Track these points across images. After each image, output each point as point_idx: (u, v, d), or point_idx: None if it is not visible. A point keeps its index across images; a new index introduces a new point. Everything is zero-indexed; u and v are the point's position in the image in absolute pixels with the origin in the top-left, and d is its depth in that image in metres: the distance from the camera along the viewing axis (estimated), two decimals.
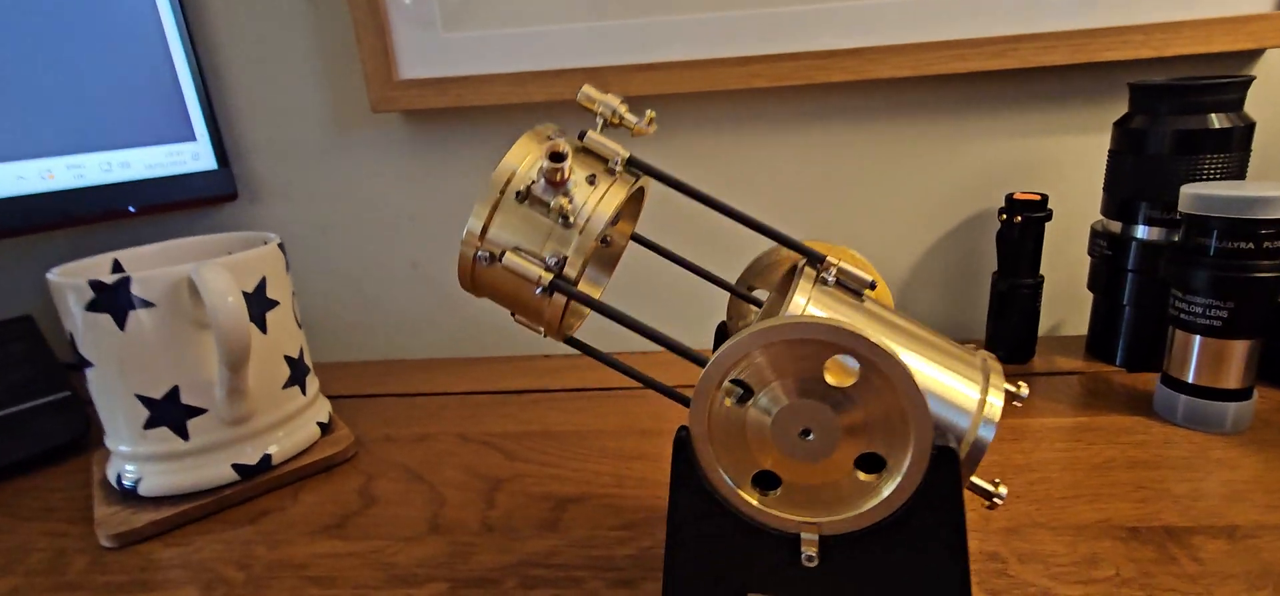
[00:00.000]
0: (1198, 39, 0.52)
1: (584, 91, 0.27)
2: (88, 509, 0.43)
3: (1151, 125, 0.48)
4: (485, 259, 0.24)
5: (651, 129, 0.27)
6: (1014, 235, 0.52)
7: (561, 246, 0.24)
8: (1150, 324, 0.51)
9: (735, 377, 0.22)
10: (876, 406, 0.21)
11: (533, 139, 0.25)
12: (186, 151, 0.62)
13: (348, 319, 0.71)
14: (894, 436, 0.22)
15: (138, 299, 0.38)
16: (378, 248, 0.68)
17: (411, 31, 0.58)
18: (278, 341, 0.45)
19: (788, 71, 0.56)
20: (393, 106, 0.59)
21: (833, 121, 0.59)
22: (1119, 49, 0.53)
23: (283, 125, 0.65)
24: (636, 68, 0.57)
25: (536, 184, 0.23)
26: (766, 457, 0.23)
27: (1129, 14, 0.53)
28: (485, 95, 0.58)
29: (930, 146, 0.59)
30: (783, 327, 0.21)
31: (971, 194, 0.60)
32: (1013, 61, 0.54)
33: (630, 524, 0.38)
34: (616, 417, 0.51)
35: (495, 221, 0.24)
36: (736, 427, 0.23)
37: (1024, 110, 0.58)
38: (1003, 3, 0.54)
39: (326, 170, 0.66)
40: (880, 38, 0.55)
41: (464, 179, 0.65)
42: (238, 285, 0.38)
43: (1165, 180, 0.47)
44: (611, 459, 0.45)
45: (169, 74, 0.60)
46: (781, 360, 0.21)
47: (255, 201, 0.67)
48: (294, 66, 0.62)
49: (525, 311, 0.25)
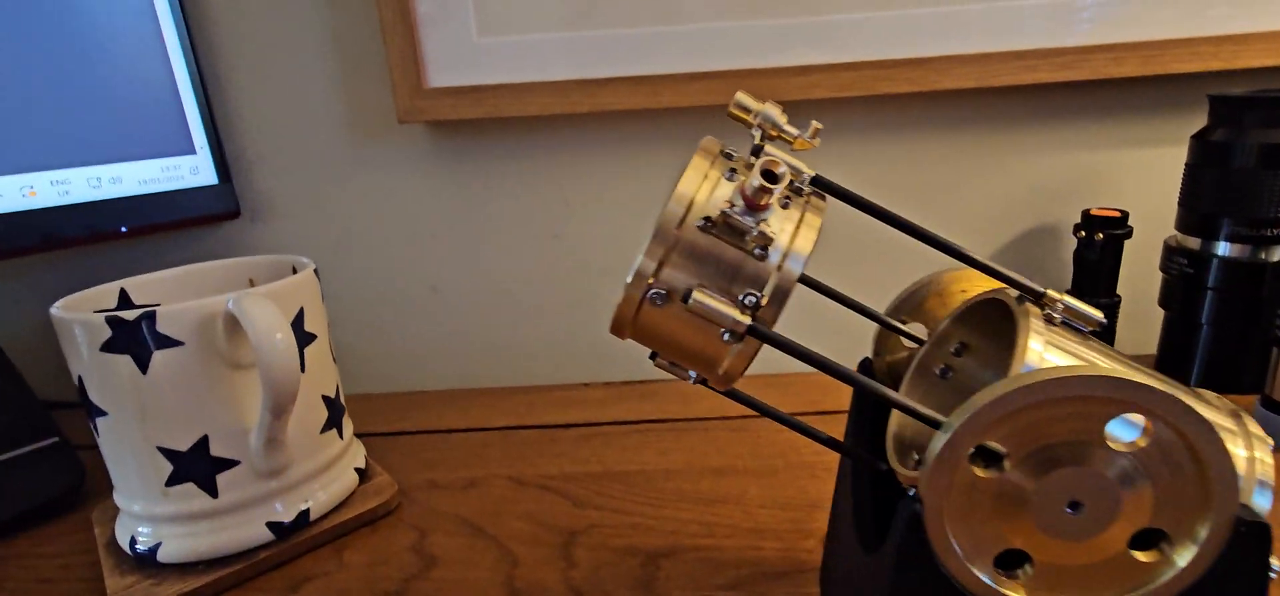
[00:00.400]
0: (1268, 51, 0.51)
1: (738, 100, 0.23)
2: (94, 578, 0.37)
3: (1235, 138, 0.46)
4: (659, 298, 0.20)
5: (816, 142, 0.23)
6: (1095, 254, 0.50)
7: (755, 284, 0.20)
8: (1231, 343, 0.49)
9: None
10: (1163, 472, 0.18)
11: (706, 157, 0.21)
12: (184, 165, 0.56)
13: (359, 348, 0.65)
14: (1181, 508, 0.18)
15: (164, 337, 0.33)
16: (395, 270, 0.63)
17: (443, 35, 0.54)
18: (316, 380, 0.39)
19: (847, 81, 0.53)
20: (421, 116, 0.55)
21: (894, 134, 0.57)
22: (1189, 61, 0.52)
23: (292, 136, 0.59)
24: (690, 76, 0.53)
25: (734, 208, 0.19)
26: (1017, 535, 0.19)
27: (1199, 25, 0.52)
28: (526, 105, 0.54)
29: (994, 160, 0.57)
30: (1069, 382, 0.17)
31: (1036, 210, 0.58)
32: (1083, 73, 0.52)
33: (737, 584, 0.34)
34: (680, 453, 0.47)
35: (674, 254, 0.20)
36: (982, 499, 0.19)
37: (1091, 123, 0.56)
38: (1070, 14, 0.52)
39: (339, 186, 0.60)
40: (945, 47, 0.53)
41: (493, 196, 0.60)
42: (285, 319, 0.33)
43: (1251, 195, 0.46)
44: (691, 504, 0.41)
45: (166, 80, 0.54)
46: (1051, 420, 0.18)
47: (258, 220, 0.61)
48: (306, 72, 0.57)
49: (695, 358, 0.21)
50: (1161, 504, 0.18)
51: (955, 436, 0.18)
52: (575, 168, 0.59)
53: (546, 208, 0.60)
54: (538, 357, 0.64)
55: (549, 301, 0.63)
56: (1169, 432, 0.18)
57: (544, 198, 0.60)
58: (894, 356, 0.29)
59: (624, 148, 0.58)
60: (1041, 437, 0.18)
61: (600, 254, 0.61)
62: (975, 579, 0.19)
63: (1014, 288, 0.22)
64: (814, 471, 0.44)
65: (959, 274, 0.29)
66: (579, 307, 0.63)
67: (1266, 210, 0.45)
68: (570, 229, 0.61)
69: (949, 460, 0.18)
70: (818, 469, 0.44)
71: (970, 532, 0.19)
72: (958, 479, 0.19)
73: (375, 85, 0.57)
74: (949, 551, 0.19)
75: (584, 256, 0.61)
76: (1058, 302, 0.21)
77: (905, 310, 0.28)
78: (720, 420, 0.51)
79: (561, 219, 0.60)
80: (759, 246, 0.19)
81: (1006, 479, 0.18)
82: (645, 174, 0.58)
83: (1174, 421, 0.17)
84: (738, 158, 0.22)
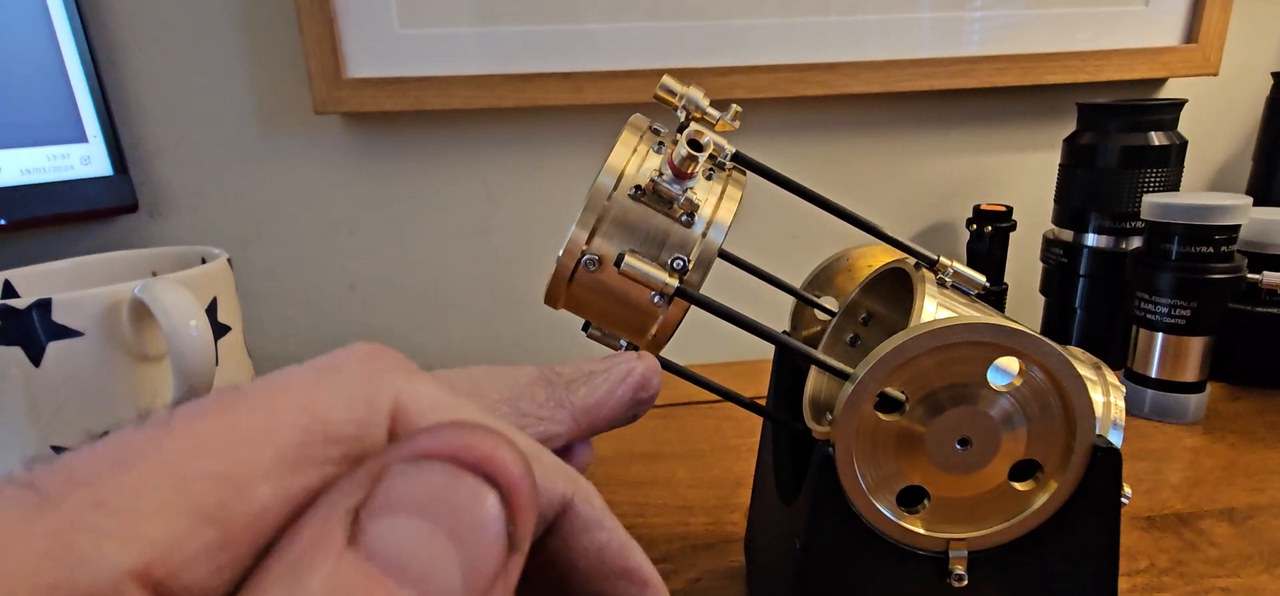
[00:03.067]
0: (1126, 66, 0.58)
1: (664, 83, 0.24)
2: None
3: (1100, 142, 0.52)
4: (593, 264, 0.21)
5: (736, 124, 0.25)
6: (984, 245, 0.54)
7: (682, 249, 0.21)
8: (1100, 324, 0.55)
9: None
10: (1035, 410, 0.20)
11: (635, 132, 0.22)
12: (74, 154, 0.52)
13: (272, 350, 0.62)
14: (1050, 441, 0.21)
15: (60, 327, 0.31)
16: (310, 268, 0.61)
17: (362, 24, 0.53)
18: (231, 375, 0.38)
19: (765, 83, 0.56)
20: (340, 107, 0.53)
21: (807, 134, 0.60)
22: (1061, 73, 0.58)
23: (196, 125, 0.56)
24: (614, 74, 0.54)
25: (662, 177, 0.20)
26: (915, 472, 0.21)
27: (1069, 42, 0.58)
28: (450, 98, 0.53)
29: (896, 160, 0.61)
30: (956, 329, 0.19)
31: (933, 205, 0.62)
32: (972, 81, 0.57)
33: (667, 556, 0.36)
34: (610, 442, 0.48)
35: (606, 221, 0.21)
36: (885, 441, 0.21)
37: (980, 127, 0.61)
38: (959, 28, 0.57)
39: (249, 179, 0.58)
40: (851, 54, 0.56)
41: (413, 191, 0.59)
42: (200, 306, 0.32)
43: (1114, 192, 0.52)
44: (622, 487, 0.42)
45: (52, 59, 0.51)
46: (942, 366, 0.20)
47: (158, 215, 0.58)
48: (213, 56, 0.54)
49: (626, 322, 0.22)
50: (1035, 438, 0.21)
51: (861, 383, 0.20)
52: (499, 163, 0.59)
53: (470, 203, 0.60)
54: (462, 356, 0.64)
55: (473, 299, 0.62)
56: (1040, 375, 0.20)
57: (467, 193, 0.59)
58: (809, 330, 0.31)
59: (548, 144, 0.59)
60: (934, 382, 0.20)
61: (525, 250, 0.61)
62: (881, 515, 0.21)
63: (912, 257, 0.25)
64: (739, 453, 0.46)
65: (866, 250, 0.31)
66: (504, 305, 0.63)
67: (1126, 205, 0.51)
68: (494, 225, 0.61)
69: (856, 405, 0.20)
70: (742, 450, 0.46)
71: (875, 472, 0.21)
72: (863, 423, 0.21)
73: (289, 73, 0.55)
74: (857, 490, 0.21)
75: (508, 253, 0.61)
76: (948, 268, 0.24)
77: (818, 285, 0.31)
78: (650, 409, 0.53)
79: (485, 215, 0.60)
80: (686, 213, 0.21)
81: (905, 422, 0.21)
82: (569, 171, 0.59)
83: (1043, 361, 0.20)
84: (665, 133, 0.23)
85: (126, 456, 0.09)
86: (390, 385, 0.11)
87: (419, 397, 0.12)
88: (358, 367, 0.11)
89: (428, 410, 0.12)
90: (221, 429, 0.09)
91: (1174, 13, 0.58)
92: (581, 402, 0.18)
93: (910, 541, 0.21)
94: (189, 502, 0.08)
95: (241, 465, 0.09)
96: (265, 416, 0.10)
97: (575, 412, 0.18)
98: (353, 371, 0.11)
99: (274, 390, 0.10)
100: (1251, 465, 0.41)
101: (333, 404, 0.10)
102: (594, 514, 0.14)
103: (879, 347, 0.20)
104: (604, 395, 0.18)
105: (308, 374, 0.11)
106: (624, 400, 0.18)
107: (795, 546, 0.22)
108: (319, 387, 0.10)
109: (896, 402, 0.21)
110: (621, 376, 0.18)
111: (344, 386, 0.11)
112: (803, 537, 0.22)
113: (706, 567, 0.35)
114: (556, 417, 0.17)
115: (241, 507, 0.09)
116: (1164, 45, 0.58)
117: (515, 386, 0.18)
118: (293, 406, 0.10)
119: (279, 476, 0.09)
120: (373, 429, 0.11)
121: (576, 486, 0.14)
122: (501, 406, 0.17)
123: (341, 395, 0.11)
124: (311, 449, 0.10)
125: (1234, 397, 0.50)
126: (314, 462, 0.10)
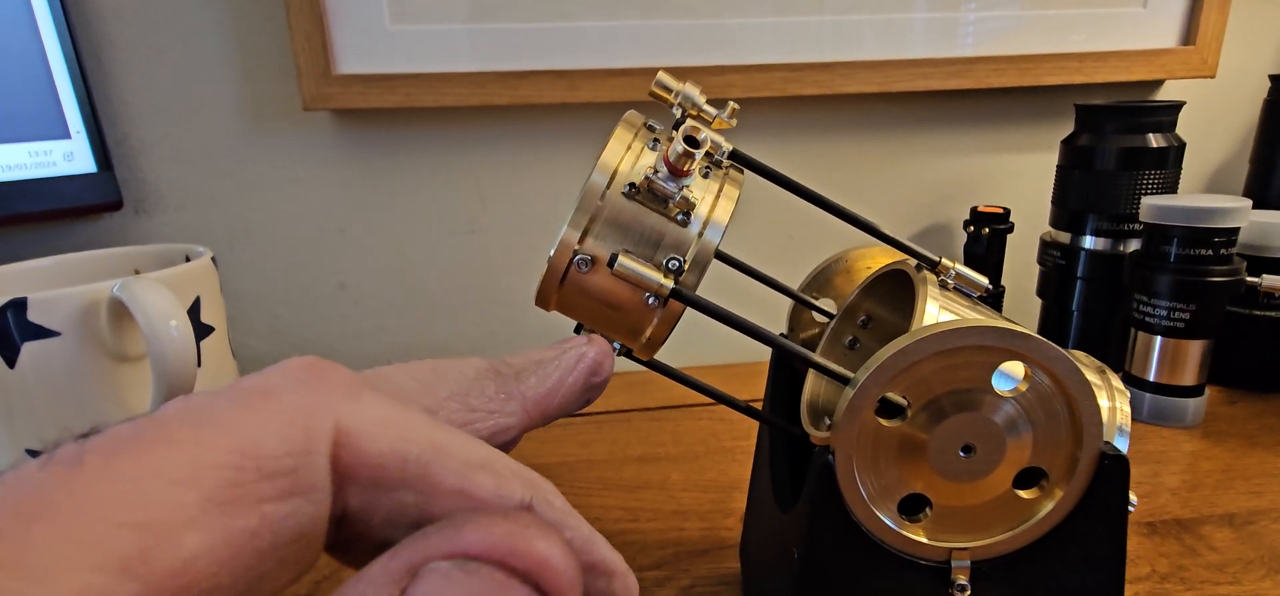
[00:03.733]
0: (1123, 68, 0.57)
1: (660, 79, 0.24)
2: None
3: (1098, 143, 0.51)
4: (585, 264, 0.20)
5: (733, 122, 0.24)
6: (981, 247, 0.54)
7: (677, 250, 0.20)
8: (1097, 327, 0.55)
9: None
10: (1040, 416, 0.20)
11: (629, 129, 0.21)
12: (57, 150, 0.51)
13: (259, 349, 0.61)
14: (1056, 448, 0.20)
15: (36, 327, 0.30)
16: (298, 267, 0.60)
17: (353, 20, 0.52)
18: (214, 376, 0.37)
19: (760, 83, 0.56)
20: (329, 104, 0.52)
21: (802, 135, 0.59)
22: (1058, 74, 0.57)
23: (182, 121, 0.55)
24: (608, 72, 0.54)
25: (657, 175, 0.20)
26: (917, 479, 0.20)
27: (1066, 44, 0.57)
28: (442, 96, 0.53)
29: (893, 162, 0.61)
30: (960, 333, 0.19)
31: (930, 207, 0.62)
32: (969, 81, 0.57)
33: (661, 562, 0.35)
34: (603, 445, 0.47)
35: (599, 221, 0.20)
36: (886, 448, 0.20)
37: (977, 129, 0.61)
38: (955, 28, 0.56)
39: (236, 176, 0.57)
40: (847, 53, 0.56)
41: (404, 189, 0.58)
42: (181, 306, 0.31)
43: (1111, 194, 0.51)
44: (615, 491, 0.41)
45: (35, 54, 0.49)
46: (945, 370, 0.19)
47: (143, 212, 0.57)
48: (200, 52, 0.53)
49: (619, 325, 0.22)
50: (1040, 445, 0.20)
51: (862, 388, 0.19)
52: (491, 162, 0.58)
53: (461, 202, 0.59)
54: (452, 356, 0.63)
55: (463, 298, 0.62)
56: (1045, 379, 0.20)
57: (458, 192, 0.59)
58: (807, 333, 0.31)
59: (541, 142, 0.58)
60: (937, 388, 0.19)
61: (517, 251, 0.61)
62: (881, 524, 0.21)
63: (913, 258, 0.24)
64: (733, 455, 0.45)
65: (865, 251, 0.30)
66: (495, 304, 0.62)
67: (1124, 207, 0.51)
68: (486, 224, 0.60)
69: (857, 411, 0.20)
70: (737, 453, 0.45)
71: (876, 480, 0.21)
72: (864, 430, 0.20)
73: (277, 69, 0.54)
74: (857, 498, 0.20)
75: (500, 253, 0.61)
76: (950, 270, 0.23)
77: (816, 287, 0.30)
78: (642, 412, 0.52)
79: (477, 214, 0.59)
80: (681, 212, 0.20)
81: (907, 428, 0.20)
82: (562, 170, 0.58)
83: (1049, 366, 0.19)
84: (660, 130, 0.22)
85: (35, 506, 0.08)
86: (329, 408, 0.11)
87: (364, 418, 0.11)
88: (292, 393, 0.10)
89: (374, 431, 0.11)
90: (140, 468, 0.08)
91: (1172, 15, 0.58)
92: (532, 393, 0.17)
93: (912, 551, 0.21)
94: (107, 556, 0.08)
95: (164, 509, 0.08)
96: (190, 452, 0.09)
97: (526, 404, 0.17)
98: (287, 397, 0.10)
99: (199, 421, 0.09)
100: (1250, 469, 0.41)
101: (265, 435, 0.09)
102: (556, 515, 0.14)
103: (881, 351, 0.19)
104: (555, 384, 0.17)
105: (236, 401, 0.10)
106: (575, 387, 0.17)
107: (793, 555, 0.22)
108: (249, 417, 0.10)
109: (898, 408, 0.20)
110: (572, 363, 0.17)
111: (278, 414, 0.10)
112: (801, 546, 0.21)
113: (700, 574, 0.34)
114: (507, 410, 0.17)
115: (166, 557, 0.08)
116: (1161, 47, 0.58)
117: (463, 380, 0.17)
118: (220, 440, 0.09)
119: (208, 521, 0.08)
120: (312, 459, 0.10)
121: (535, 490, 0.14)
122: (451, 402, 0.16)
123: (275, 424, 0.10)
124: (243, 488, 0.09)
125: (1232, 401, 0.49)
126: (247, 502, 0.09)
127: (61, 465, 0.08)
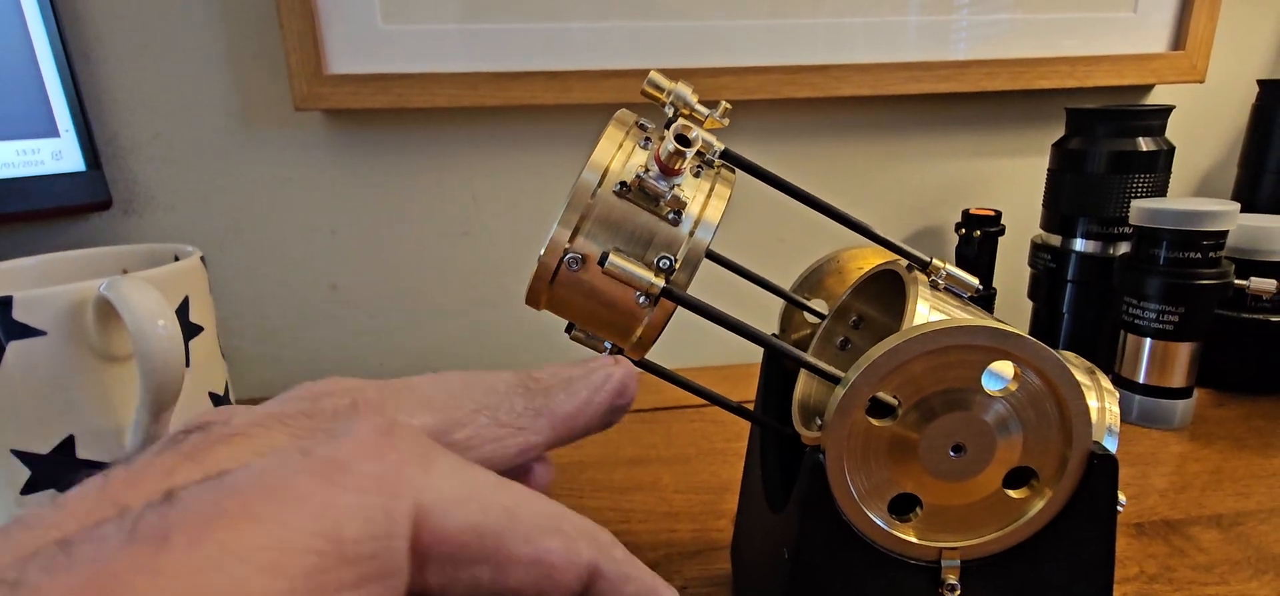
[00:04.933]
0: (1114, 72, 0.58)
1: (651, 78, 0.24)
2: None
3: (1089, 146, 0.52)
4: (576, 263, 0.20)
5: (726, 121, 0.24)
6: (973, 250, 0.54)
7: (668, 249, 0.20)
8: (1088, 329, 0.55)
9: None
10: (1031, 415, 0.20)
11: (620, 127, 0.21)
12: (46, 149, 0.51)
13: (250, 350, 0.61)
14: (1046, 448, 0.20)
15: (21, 326, 0.30)
16: (290, 268, 0.59)
17: (345, 20, 0.52)
18: (202, 376, 0.37)
19: (755, 85, 0.56)
20: (321, 103, 0.52)
21: (795, 137, 0.60)
22: (1049, 78, 0.58)
23: (173, 121, 0.55)
24: (601, 73, 0.54)
25: (649, 173, 0.20)
26: (908, 479, 0.20)
27: (1058, 48, 0.58)
28: (434, 96, 0.52)
29: (885, 164, 0.61)
30: (951, 333, 0.19)
31: (921, 210, 0.62)
32: (961, 85, 0.57)
33: (653, 564, 0.34)
34: (594, 447, 0.47)
35: (590, 219, 0.20)
36: (877, 447, 0.20)
37: (969, 131, 0.61)
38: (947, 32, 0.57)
39: (227, 176, 0.57)
40: (840, 56, 0.56)
41: (396, 190, 0.58)
42: (169, 305, 0.31)
43: (1102, 197, 0.52)
44: (607, 492, 0.41)
45: (23, 51, 0.49)
46: (936, 370, 0.19)
47: (133, 212, 0.57)
48: (191, 50, 0.53)
49: (610, 324, 0.22)
50: (1030, 445, 0.20)
51: (853, 387, 0.19)
52: (483, 162, 0.58)
53: (453, 203, 0.59)
54: (445, 360, 0.63)
55: (456, 300, 0.61)
56: (1035, 379, 0.20)
57: (450, 192, 0.58)
58: (798, 333, 0.31)
59: (534, 144, 0.58)
60: (927, 387, 0.20)
61: (509, 251, 0.60)
62: (872, 523, 0.21)
63: (904, 258, 0.24)
64: (725, 457, 0.45)
65: (856, 252, 0.30)
66: (488, 306, 0.62)
67: (1114, 210, 0.51)
68: (478, 225, 0.60)
69: (847, 410, 0.20)
70: (729, 454, 0.45)
71: (866, 479, 0.20)
72: (855, 429, 0.20)
73: (269, 69, 0.54)
74: (848, 498, 0.20)
75: (492, 254, 0.60)
76: (941, 270, 0.23)
77: (807, 287, 0.30)
78: (633, 413, 0.52)
79: (469, 215, 0.59)
80: (672, 211, 0.20)
81: (898, 428, 0.20)
82: (554, 171, 0.58)
83: (1039, 366, 0.19)
84: (652, 129, 0.22)
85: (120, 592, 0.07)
86: (408, 485, 0.10)
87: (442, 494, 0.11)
88: (370, 466, 0.10)
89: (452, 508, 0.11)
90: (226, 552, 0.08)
91: (1162, 20, 0.58)
92: (560, 411, 0.17)
93: (902, 550, 0.21)
94: None
95: None
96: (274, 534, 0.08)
97: (553, 421, 0.17)
98: (364, 468, 0.10)
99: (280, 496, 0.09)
100: (1238, 471, 0.41)
101: (348, 518, 0.09)
102: (619, 568, 0.13)
103: (871, 351, 0.19)
104: (582, 403, 0.17)
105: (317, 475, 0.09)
106: (601, 407, 0.17)
107: (784, 555, 0.22)
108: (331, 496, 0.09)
109: (889, 408, 0.20)
110: (599, 383, 0.17)
111: (357, 492, 0.09)
112: (792, 546, 0.21)
113: (692, 575, 0.34)
114: (535, 427, 0.17)
115: None
116: (1152, 52, 0.58)
117: (493, 395, 0.17)
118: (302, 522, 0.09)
119: None
120: (392, 544, 0.10)
121: (598, 547, 0.13)
122: (480, 416, 0.16)
123: (357, 505, 0.09)
124: (326, 576, 0.09)
125: (1220, 403, 0.50)
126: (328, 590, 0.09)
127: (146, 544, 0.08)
